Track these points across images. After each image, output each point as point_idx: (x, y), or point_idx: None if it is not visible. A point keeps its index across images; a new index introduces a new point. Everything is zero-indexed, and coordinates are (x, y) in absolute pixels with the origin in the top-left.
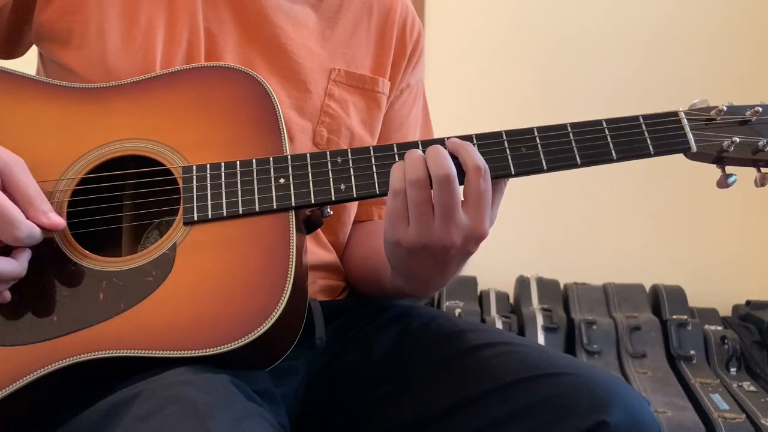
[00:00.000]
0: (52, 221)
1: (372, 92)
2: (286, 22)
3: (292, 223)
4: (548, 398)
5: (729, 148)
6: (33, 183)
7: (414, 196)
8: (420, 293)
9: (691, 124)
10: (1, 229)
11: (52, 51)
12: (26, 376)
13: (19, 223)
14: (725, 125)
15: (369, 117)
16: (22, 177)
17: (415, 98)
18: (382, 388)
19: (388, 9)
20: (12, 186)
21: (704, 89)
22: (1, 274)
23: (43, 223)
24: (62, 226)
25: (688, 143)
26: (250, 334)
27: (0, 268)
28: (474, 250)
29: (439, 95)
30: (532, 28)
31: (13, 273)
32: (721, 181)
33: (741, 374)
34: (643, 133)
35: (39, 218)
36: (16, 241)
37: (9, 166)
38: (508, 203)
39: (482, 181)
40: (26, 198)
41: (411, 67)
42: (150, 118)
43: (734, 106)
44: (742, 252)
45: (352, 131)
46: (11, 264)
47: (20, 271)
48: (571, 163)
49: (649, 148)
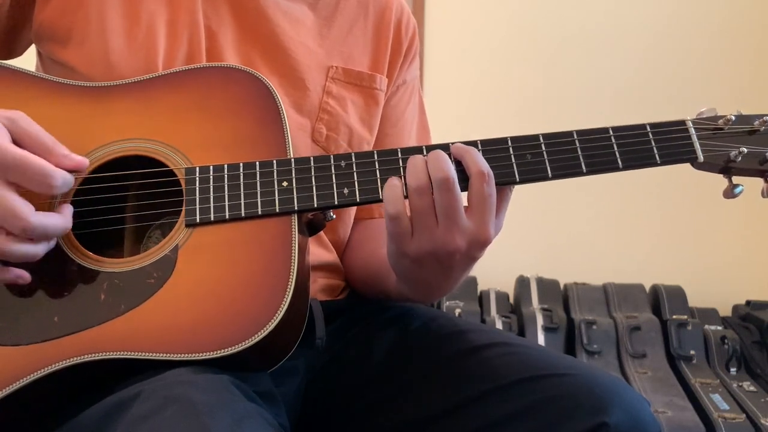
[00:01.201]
0: (75, 162)
1: (370, 89)
2: (284, 20)
3: (295, 227)
4: (548, 399)
5: (736, 158)
6: (42, 131)
7: (417, 204)
8: (425, 299)
9: (699, 134)
10: (36, 181)
11: (52, 50)
12: (26, 377)
13: (52, 171)
14: (733, 135)
15: (367, 114)
16: (30, 128)
17: (410, 95)
18: (383, 388)
19: (383, 8)
20: (24, 138)
21: (704, 89)
22: (51, 229)
23: (67, 166)
24: (86, 164)
25: (695, 153)
26: (252, 338)
27: (49, 222)
28: (479, 255)
29: (439, 95)
30: (532, 28)
31: (60, 226)
32: (728, 192)
33: (741, 374)
34: (650, 142)
35: (63, 162)
36: (53, 189)
37: (14, 121)
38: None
39: (486, 186)
40: (42, 147)
41: (407, 64)
42: (153, 118)
43: (742, 115)
44: (742, 252)
45: (351, 128)
46: (57, 218)
47: (67, 224)
48: (577, 171)
49: (655, 157)
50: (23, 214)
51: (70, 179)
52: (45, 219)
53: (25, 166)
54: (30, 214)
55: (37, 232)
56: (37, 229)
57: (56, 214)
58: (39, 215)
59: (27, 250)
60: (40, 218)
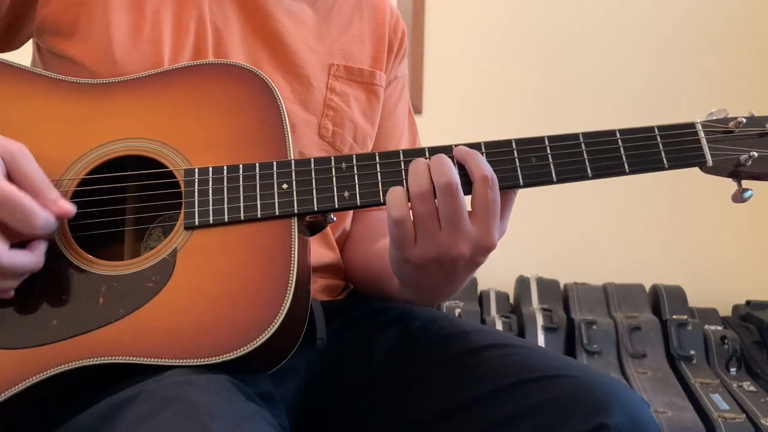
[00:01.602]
0: (62, 209)
1: (371, 85)
2: (287, 18)
3: (294, 230)
4: (549, 400)
5: (746, 162)
6: (38, 170)
7: (419, 210)
8: (428, 303)
9: (708, 137)
10: (17, 219)
11: (56, 44)
12: (25, 380)
13: (36, 212)
14: (743, 138)
15: (369, 109)
16: (27, 165)
17: (401, 91)
18: (383, 388)
19: (376, 10)
20: (17, 175)
21: (704, 88)
22: (20, 267)
23: (53, 212)
24: (73, 212)
25: (704, 157)
26: (252, 343)
27: (18, 261)
28: (483, 261)
29: (439, 95)
30: (532, 28)
31: (30, 266)
32: (737, 196)
33: (741, 374)
34: (658, 146)
35: (49, 207)
36: (34, 229)
37: (12, 155)
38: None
39: (490, 191)
40: (33, 187)
41: (398, 61)
42: (152, 117)
43: (754, 117)
44: (742, 252)
45: (356, 123)
46: (28, 257)
47: (38, 263)
48: (582, 176)
49: (663, 161)
50: None
51: (54, 223)
52: (15, 258)
53: (12, 203)
54: (3, 253)
55: (5, 270)
56: (7, 268)
57: (28, 253)
58: (11, 254)
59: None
60: (10, 257)
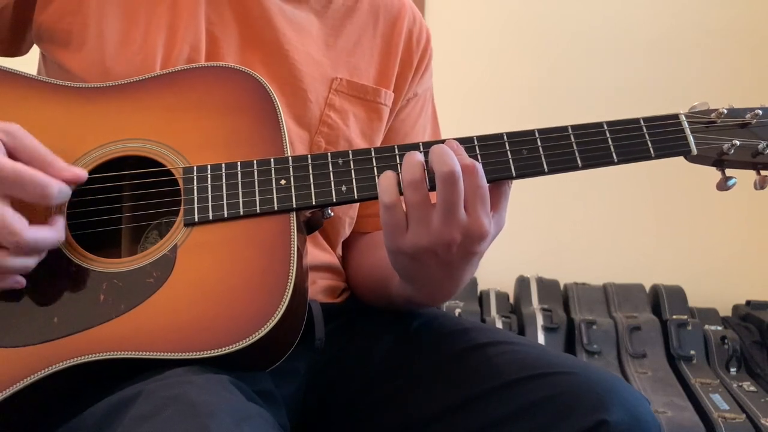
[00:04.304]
0: (74, 174)
1: (374, 103)
2: (289, 27)
3: (293, 225)
4: (549, 397)
5: (729, 150)
6: (39, 144)
7: (411, 199)
8: (430, 300)
9: (692, 127)
10: (32, 193)
11: (52, 52)
12: (26, 378)
13: (49, 182)
14: (725, 128)
15: (369, 128)
16: (27, 140)
17: (422, 107)
18: (383, 387)
19: (395, 18)
20: (20, 151)
21: (704, 88)
22: (43, 243)
23: (66, 178)
24: (85, 176)
25: (688, 146)
26: (251, 336)
27: (41, 236)
28: (478, 249)
29: (439, 95)
30: (532, 28)
31: (52, 239)
32: (721, 184)
33: (741, 374)
34: (644, 136)
35: (61, 174)
36: (50, 199)
37: (10, 134)
38: (509, 202)
39: (476, 178)
40: (39, 160)
41: (418, 77)
42: (150, 118)
43: (734, 108)
44: (742, 252)
45: (351, 143)
46: (50, 231)
47: (59, 238)
48: (572, 165)
49: (649, 150)
50: (17, 229)
51: (68, 190)
52: (38, 233)
53: (23, 178)
54: (24, 229)
55: (29, 246)
56: (30, 244)
57: (49, 228)
58: (32, 230)
59: (20, 263)
60: (33, 233)
